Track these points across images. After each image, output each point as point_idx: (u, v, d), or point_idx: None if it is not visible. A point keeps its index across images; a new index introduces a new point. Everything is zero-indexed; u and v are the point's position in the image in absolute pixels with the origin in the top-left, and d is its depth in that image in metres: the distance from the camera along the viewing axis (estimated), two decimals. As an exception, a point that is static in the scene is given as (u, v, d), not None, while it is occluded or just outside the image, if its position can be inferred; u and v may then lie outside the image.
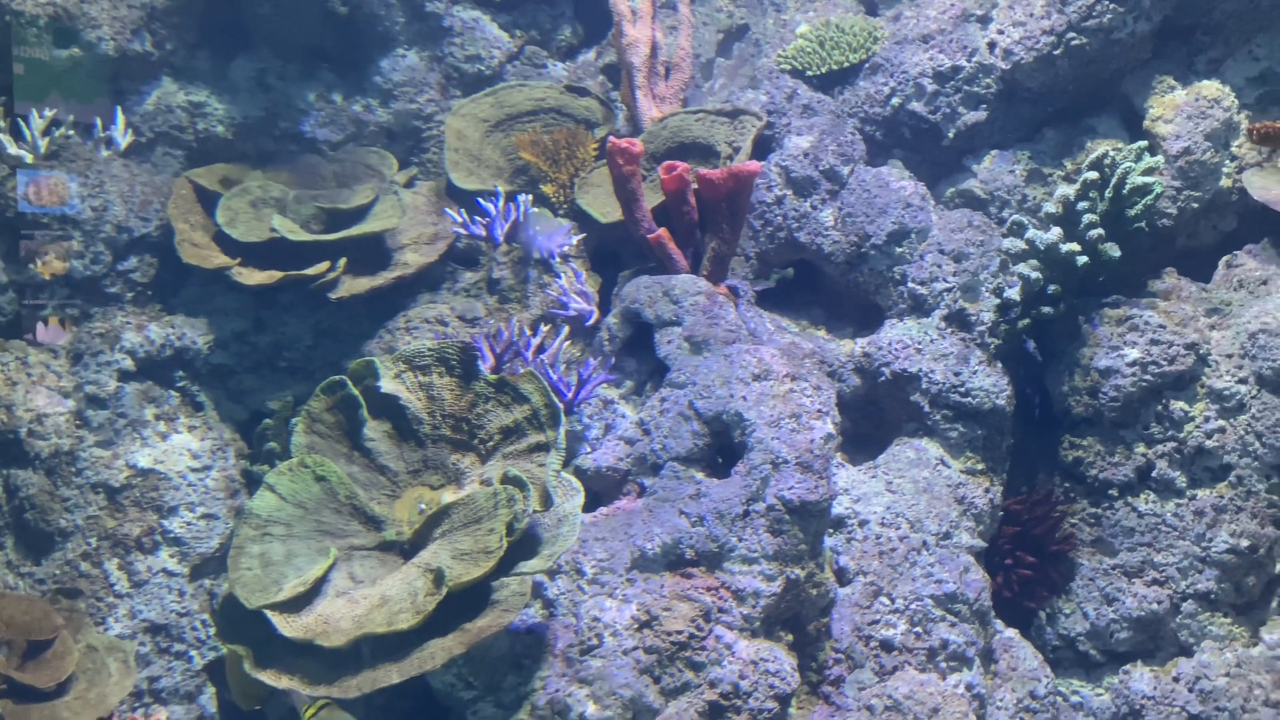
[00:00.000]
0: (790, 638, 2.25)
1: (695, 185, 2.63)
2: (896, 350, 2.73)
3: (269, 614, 1.95)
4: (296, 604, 1.98)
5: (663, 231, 2.62)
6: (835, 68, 2.98)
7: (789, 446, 2.30)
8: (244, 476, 2.76)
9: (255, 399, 2.91)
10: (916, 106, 2.98)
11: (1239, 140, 2.85)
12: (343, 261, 2.81)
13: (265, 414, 2.84)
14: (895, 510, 2.55)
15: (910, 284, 2.78)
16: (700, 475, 2.34)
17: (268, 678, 1.92)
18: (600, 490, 2.45)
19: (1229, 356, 2.63)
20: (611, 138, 2.58)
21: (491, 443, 2.19)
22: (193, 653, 2.56)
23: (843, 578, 2.46)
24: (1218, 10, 2.81)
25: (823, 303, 2.98)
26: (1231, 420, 2.59)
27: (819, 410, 2.41)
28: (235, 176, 2.98)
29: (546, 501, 2.03)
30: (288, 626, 1.93)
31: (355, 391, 2.19)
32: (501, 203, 2.77)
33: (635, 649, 2.06)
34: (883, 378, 2.74)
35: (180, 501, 2.67)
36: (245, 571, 2.02)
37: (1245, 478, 2.57)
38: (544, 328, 2.64)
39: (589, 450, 2.49)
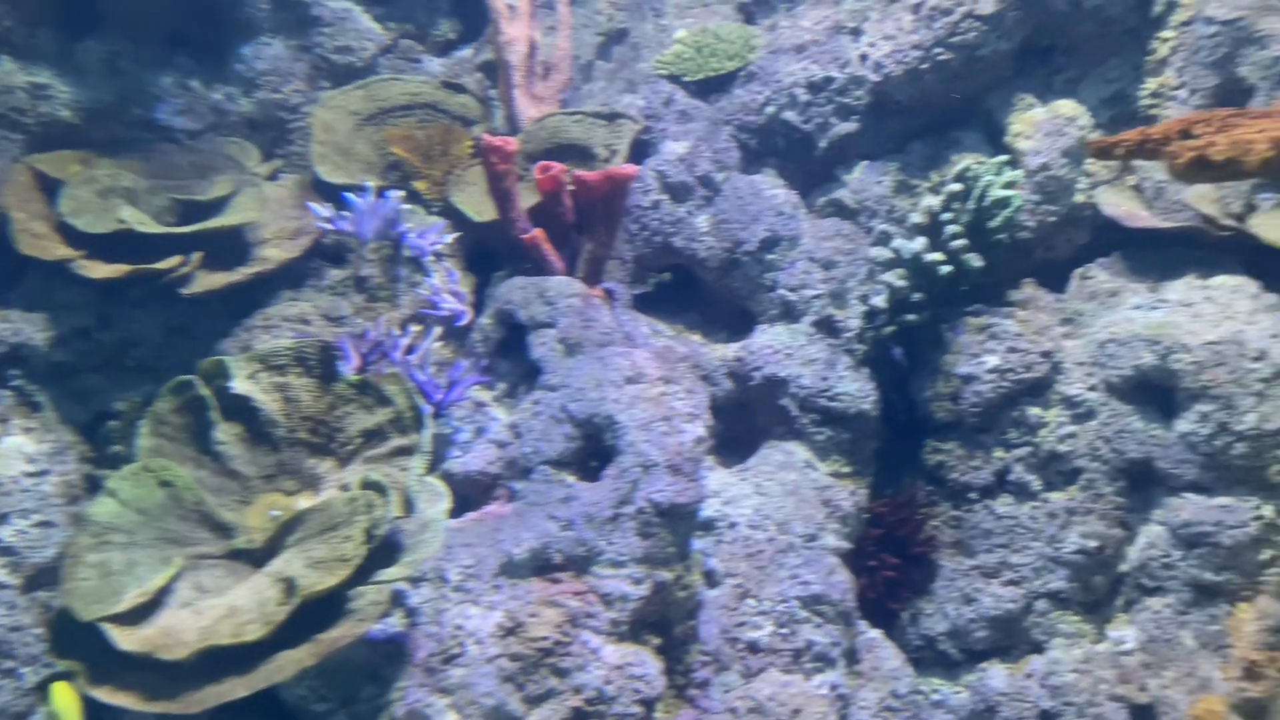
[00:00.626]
0: (658, 641, 2.24)
1: (571, 187, 2.61)
2: (767, 355, 2.76)
3: (105, 627, 1.83)
4: (136, 616, 1.87)
5: (538, 232, 2.59)
6: (712, 75, 3.01)
7: (660, 449, 2.29)
8: (86, 481, 2.59)
9: (100, 399, 2.73)
10: (790, 116, 3.02)
11: (1091, 158, 2.98)
12: (197, 256, 2.67)
13: (110, 415, 2.68)
14: (764, 513, 2.57)
15: (781, 290, 2.81)
16: (571, 479, 2.32)
17: (102, 695, 1.80)
18: (470, 495, 2.39)
19: (1081, 365, 2.74)
20: (486, 135, 2.53)
21: (352, 446, 2.12)
22: (24, 670, 2.39)
23: (711, 580, 2.46)
24: (1074, 33, 2.94)
25: (699, 307, 2.99)
26: (1082, 426, 2.70)
27: (690, 413, 2.41)
28: (82, 164, 2.80)
29: (409, 507, 1.97)
30: (126, 639, 1.82)
31: (205, 392, 2.09)
32: (371, 198, 2.69)
33: (499, 657, 2.02)
34: (754, 382, 2.77)
35: (13, 508, 2.48)
36: (81, 582, 1.90)
37: (1095, 481, 2.68)
38: (414, 328, 2.57)
39: (459, 454, 2.43)
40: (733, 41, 3.01)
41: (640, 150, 2.94)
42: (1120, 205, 2.89)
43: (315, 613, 1.85)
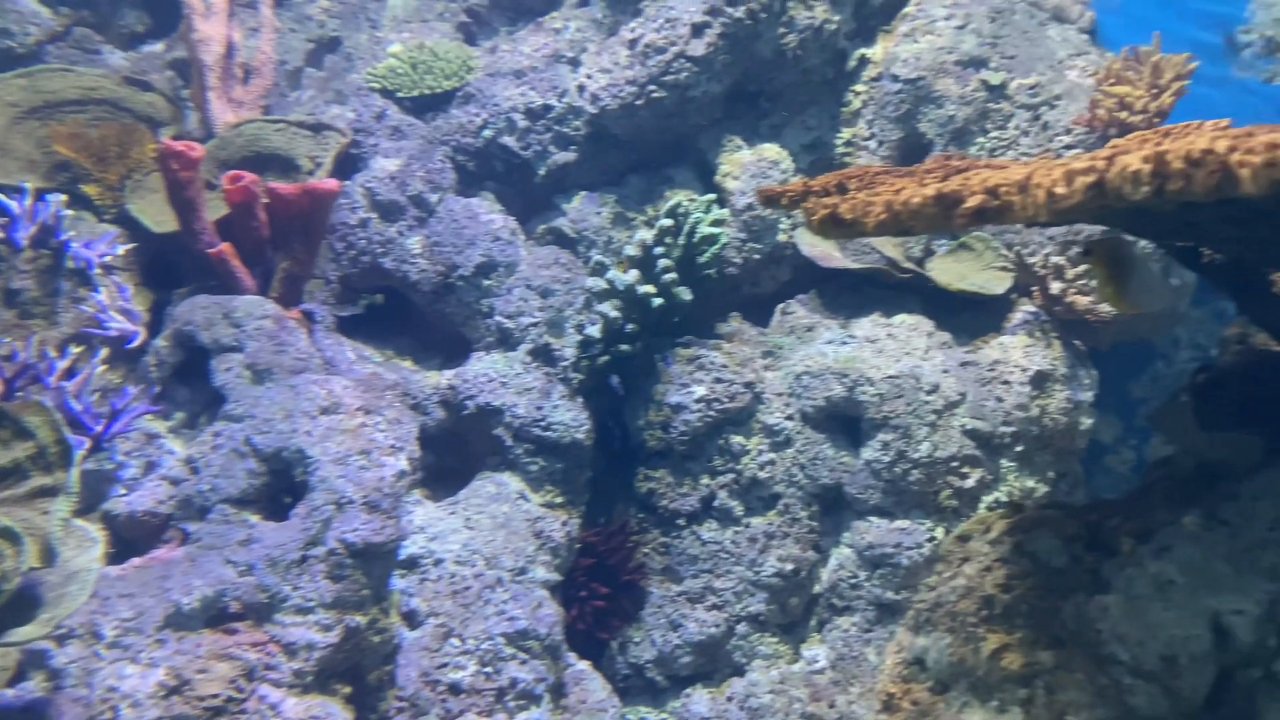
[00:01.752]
0: (348, 690, 2.10)
1: (266, 199, 2.42)
2: (482, 383, 2.69)
3: None
4: None
5: (226, 247, 2.38)
6: (428, 92, 2.91)
7: (356, 485, 2.15)
8: None
9: None
10: (509, 141, 2.98)
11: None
12: None
13: None
14: (472, 547, 2.49)
15: (498, 317, 2.75)
16: (255, 518, 2.13)
17: None
18: (136, 538, 2.15)
19: (780, 395, 2.87)
20: (165, 139, 2.30)
21: (-17, 486, 1.83)
22: None
23: (413, 620, 2.35)
24: (778, 81, 3.09)
25: (411, 332, 2.87)
26: (780, 453, 2.82)
27: (393, 446, 2.29)
28: None
29: (50, 556, 1.72)
30: None
31: None
32: (29, 201, 2.37)
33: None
34: (467, 411, 2.69)
35: None
36: None
37: (791, 506, 2.80)
38: (75, 349, 2.28)
39: (124, 492, 2.18)
40: (450, 60, 2.93)
41: (349, 165, 2.79)
42: (816, 246, 3.06)
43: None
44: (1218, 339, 3.25)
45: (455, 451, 2.76)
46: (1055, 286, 2.95)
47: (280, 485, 2.20)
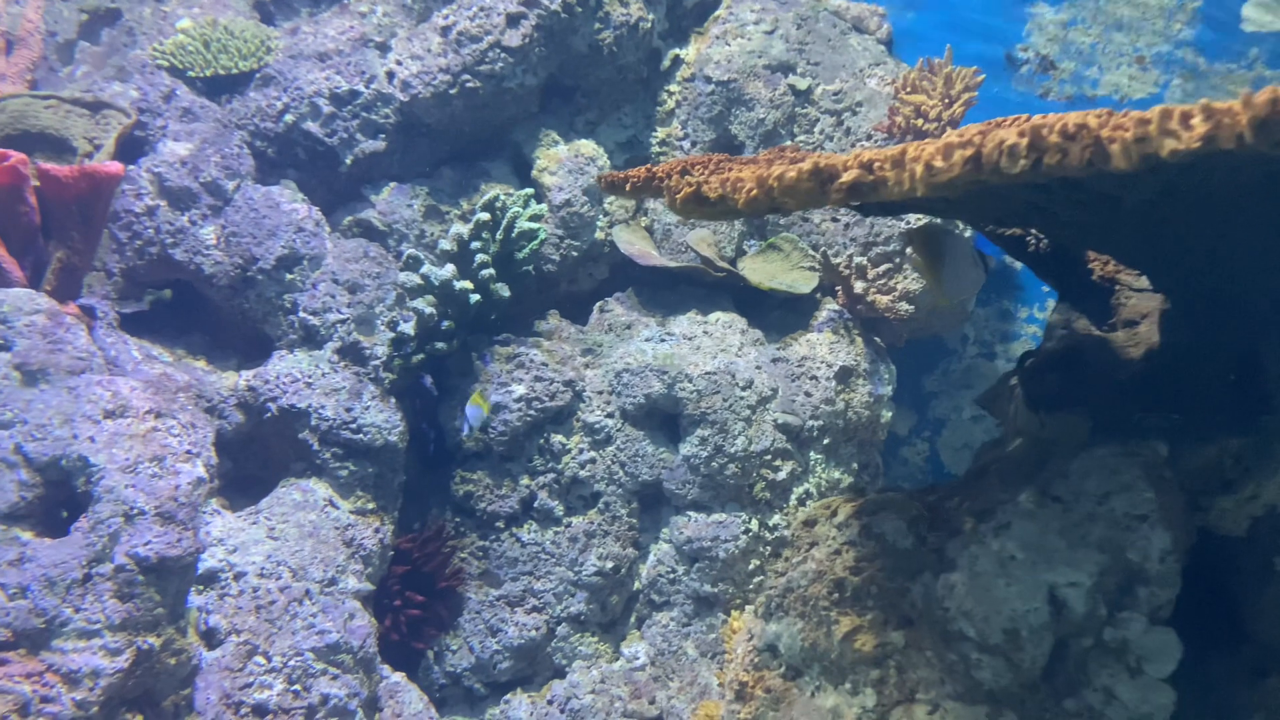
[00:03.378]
0: (140, 719, 1.92)
1: (37, 183, 2.18)
2: (285, 384, 2.53)
3: None
4: None
5: (-12, 234, 2.13)
6: (223, 72, 2.71)
7: (148, 495, 1.97)
8: None
9: None
10: (312, 127, 2.82)
11: (610, 197, 3.14)
12: None
13: None
14: (277, 559, 2.34)
15: (302, 313, 2.60)
16: (28, 535, 1.91)
17: None
18: (-123, 563, 1.87)
19: (600, 393, 2.86)
20: (-89, 110, 2.03)
21: None
22: None
23: (213, 639, 2.18)
24: (594, 76, 3.08)
25: (206, 329, 2.66)
26: (601, 451, 2.80)
27: (188, 452, 2.11)
28: None
29: None
30: None
31: None
32: None
33: (-90, 771, 1.58)
34: (269, 414, 2.52)
35: None
36: None
37: (611, 504, 2.79)
38: None
39: None
40: (248, 40, 2.74)
41: (133, 148, 2.55)
42: (634, 244, 3.07)
43: None
44: (1000, 335, 3.50)
45: (256, 457, 2.59)
46: (858, 286, 3.09)
47: (58, 498, 1.98)
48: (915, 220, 3.10)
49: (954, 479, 1.80)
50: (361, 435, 2.56)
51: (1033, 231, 1.72)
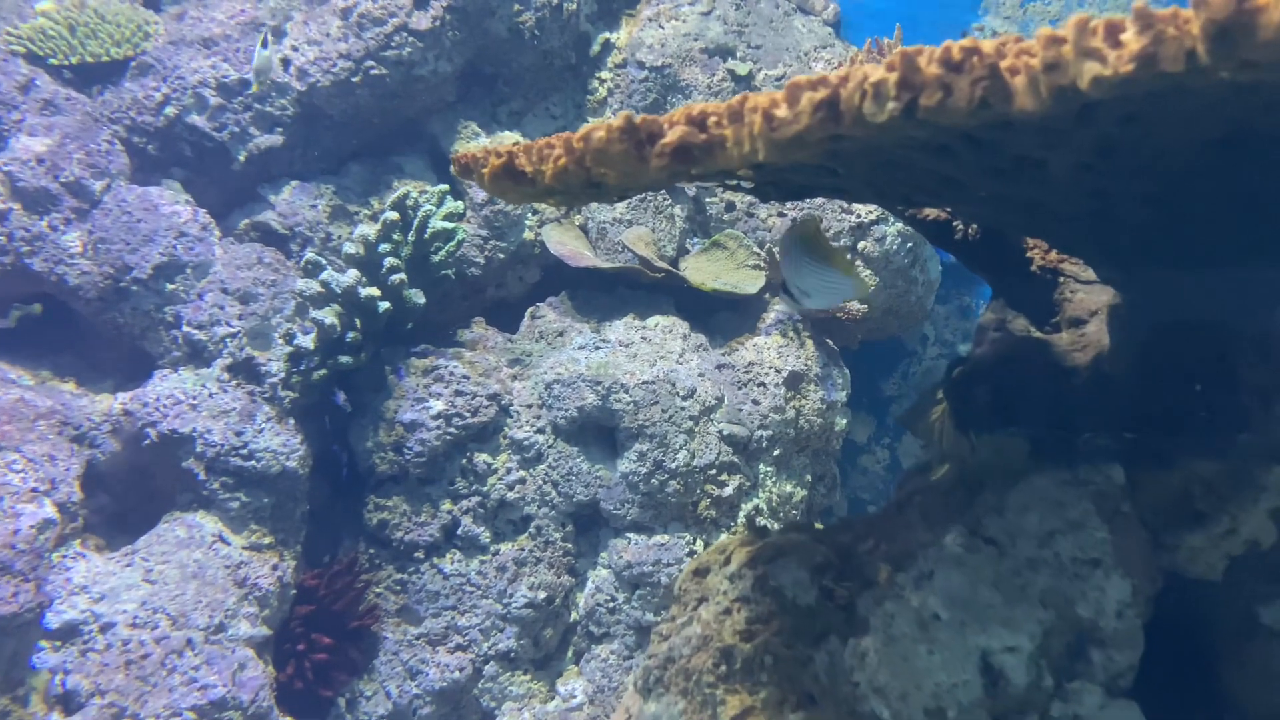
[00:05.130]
0: (-34, 810, 1.64)
1: None
2: (166, 406, 2.26)
3: None
4: None
5: None
6: (91, 60, 2.42)
7: (-24, 543, 1.69)
8: None
9: None
10: (197, 120, 2.54)
11: (539, 195, 2.89)
12: None
13: None
14: (154, 605, 2.06)
15: (186, 328, 2.32)
16: None
17: None
18: None
19: (529, 407, 2.61)
20: None
21: None
22: None
23: (71, 704, 1.90)
24: (517, 63, 2.83)
25: (76, 349, 2.38)
26: (531, 470, 2.56)
27: (34, 490, 1.84)
28: None
29: None
30: None
31: None
32: None
33: None
34: (148, 440, 2.24)
35: None
36: None
37: (544, 528, 2.55)
38: None
39: None
40: (121, 24, 2.46)
41: (-17, 145, 2.27)
42: (565, 244, 2.83)
43: None
44: (962, 333, 3.28)
45: (138, 490, 2.31)
46: (808, 283, 2.86)
47: None
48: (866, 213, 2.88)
49: (870, 513, 1.53)
50: (254, 462, 2.29)
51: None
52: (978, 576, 1.10)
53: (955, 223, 1.37)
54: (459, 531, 2.52)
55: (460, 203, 2.64)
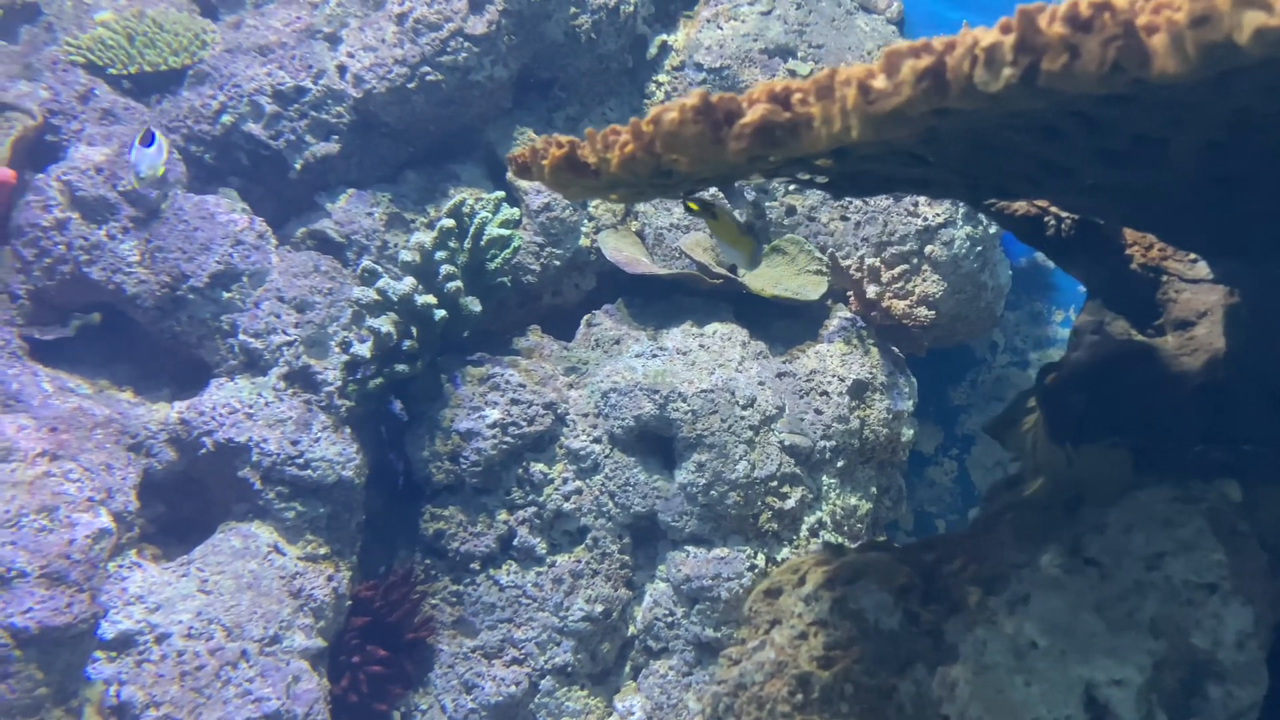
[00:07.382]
0: (21, 823, 1.62)
1: (-77, 194, 1.91)
2: (222, 416, 2.24)
3: None
4: None
5: None
6: (150, 69, 2.43)
7: (31, 553, 1.68)
8: None
9: None
10: (253, 129, 2.53)
11: (596, 200, 2.84)
12: None
13: None
14: (209, 616, 2.05)
15: (242, 336, 2.31)
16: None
17: None
18: None
19: (585, 415, 2.56)
20: None
21: None
22: None
23: (124, 716, 1.88)
24: (573, 67, 2.79)
25: (134, 357, 2.38)
26: (587, 481, 2.51)
27: (90, 499, 1.83)
28: None
29: None
30: None
31: None
32: None
33: None
34: (204, 449, 2.23)
35: None
36: None
37: (601, 539, 2.49)
38: None
39: None
40: (179, 33, 2.47)
41: (43, 154, 2.28)
42: (622, 251, 2.78)
43: None
44: (1034, 341, 3.16)
45: (194, 499, 2.30)
46: (871, 290, 2.78)
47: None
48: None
49: (958, 530, 1.44)
50: (310, 471, 2.26)
51: (1051, 208, 1.37)
52: (1079, 601, 1.01)
53: (1047, 218, 1.29)
54: (515, 542, 2.47)
55: (516, 210, 2.61)
